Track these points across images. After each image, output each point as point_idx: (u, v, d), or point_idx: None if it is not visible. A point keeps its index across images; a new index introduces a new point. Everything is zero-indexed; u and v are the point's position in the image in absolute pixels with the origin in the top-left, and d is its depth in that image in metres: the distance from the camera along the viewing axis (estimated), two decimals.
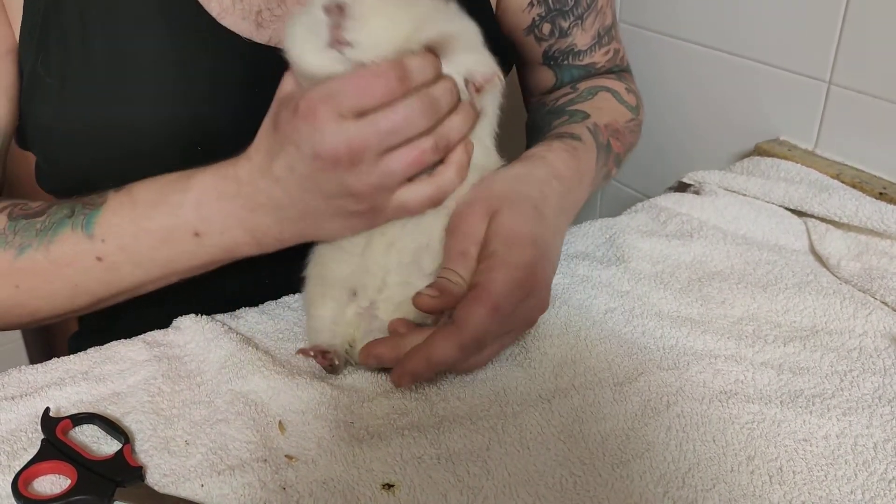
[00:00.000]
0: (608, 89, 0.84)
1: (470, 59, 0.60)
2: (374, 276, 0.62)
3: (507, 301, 0.55)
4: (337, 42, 0.56)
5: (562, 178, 0.66)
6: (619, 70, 0.91)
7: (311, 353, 0.63)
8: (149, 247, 0.62)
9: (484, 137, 0.64)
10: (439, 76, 0.58)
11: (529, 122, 0.89)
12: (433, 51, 0.58)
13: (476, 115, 0.61)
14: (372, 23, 0.57)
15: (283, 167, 0.57)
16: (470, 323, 0.55)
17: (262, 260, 0.65)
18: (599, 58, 0.88)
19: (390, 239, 0.62)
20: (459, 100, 0.59)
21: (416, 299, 0.57)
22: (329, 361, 0.62)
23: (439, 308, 0.57)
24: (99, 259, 0.62)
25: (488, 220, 0.59)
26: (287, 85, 0.61)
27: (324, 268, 0.64)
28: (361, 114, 0.55)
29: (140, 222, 0.62)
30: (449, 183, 0.59)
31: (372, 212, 0.59)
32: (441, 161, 0.59)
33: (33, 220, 0.65)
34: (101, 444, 0.56)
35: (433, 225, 0.62)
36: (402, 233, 0.62)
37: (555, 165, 0.66)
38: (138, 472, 0.53)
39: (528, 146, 0.79)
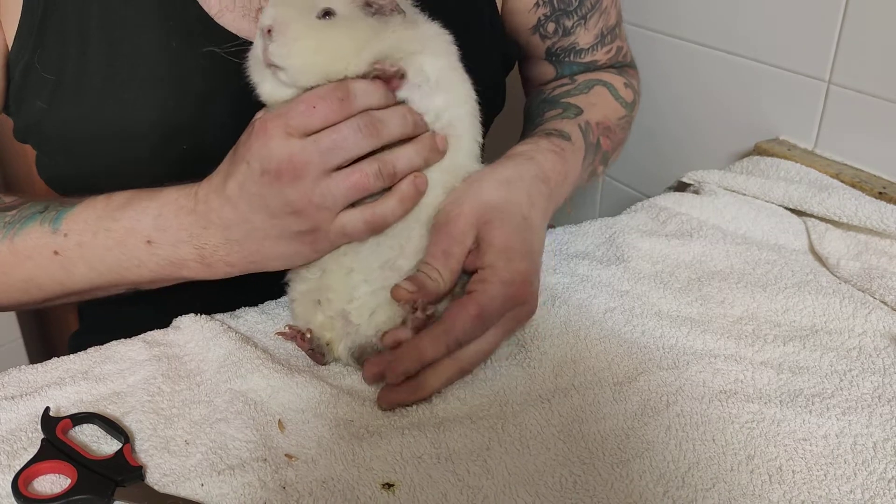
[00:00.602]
0: (605, 83, 0.85)
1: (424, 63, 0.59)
2: (337, 294, 0.63)
3: (494, 311, 0.58)
4: (269, 65, 0.58)
5: (548, 181, 0.67)
6: (622, 65, 0.91)
7: (290, 335, 0.64)
8: (104, 247, 0.62)
9: (462, 160, 0.64)
10: (392, 102, 0.59)
11: (525, 108, 0.89)
12: (384, 75, 0.58)
13: (436, 150, 0.61)
14: (298, 46, 0.57)
15: (235, 186, 0.58)
16: (458, 328, 0.57)
17: None
18: (601, 56, 0.88)
19: (348, 266, 0.62)
20: (418, 133, 0.60)
21: (394, 290, 0.58)
22: (309, 345, 0.63)
23: (415, 299, 0.58)
24: (56, 253, 0.63)
25: (477, 229, 0.60)
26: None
27: (292, 276, 0.66)
28: (308, 133, 0.56)
29: (104, 221, 0.63)
30: (389, 212, 0.59)
31: (314, 234, 0.59)
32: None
33: (3, 213, 0.66)
34: (100, 444, 0.56)
35: (398, 236, 0.61)
36: (357, 258, 0.62)
37: (543, 167, 0.67)
38: (138, 472, 0.53)
39: (524, 131, 0.79)
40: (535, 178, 0.65)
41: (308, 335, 0.63)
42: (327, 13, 0.58)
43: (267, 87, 0.61)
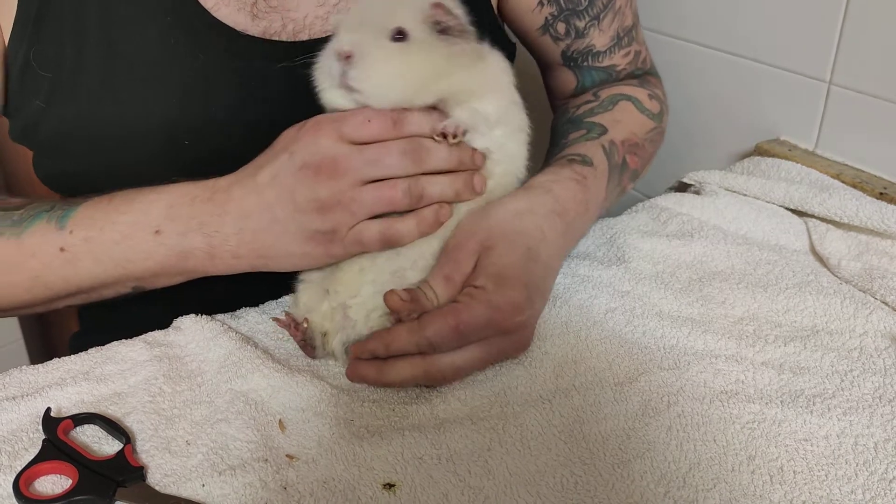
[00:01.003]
0: (629, 98, 0.84)
1: (466, 112, 0.62)
2: (345, 287, 0.63)
3: (472, 329, 0.57)
4: (345, 87, 0.60)
5: (565, 213, 0.66)
6: (643, 73, 0.90)
7: (285, 323, 0.65)
8: (111, 241, 0.63)
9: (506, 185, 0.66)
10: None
11: (552, 126, 0.89)
12: (441, 107, 0.61)
13: (470, 188, 0.62)
14: (378, 74, 0.59)
15: (268, 174, 0.60)
16: (431, 329, 0.57)
17: None
18: (620, 59, 0.87)
19: (361, 264, 0.63)
20: (462, 169, 0.62)
21: (388, 295, 0.59)
22: (302, 335, 0.64)
23: (405, 310, 0.58)
24: (62, 250, 0.63)
25: (479, 254, 0.60)
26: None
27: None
28: (356, 143, 0.58)
29: (111, 215, 0.63)
30: (406, 231, 0.60)
31: (331, 235, 0.60)
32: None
33: (11, 211, 0.66)
34: (102, 445, 0.56)
35: (416, 251, 0.62)
36: (371, 260, 0.63)
37: (560, 200, 0.67)
38: (139, 472, 0.53)
39: (548, 152, 0.79)
40: (551, 213, 0.65)
41: (304, 325, 0.64)
42: (400, 33, 0.59)
43: (329, 95, 0.62)
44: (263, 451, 0.55)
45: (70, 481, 0.52)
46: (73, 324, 0.91)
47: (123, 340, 0.67)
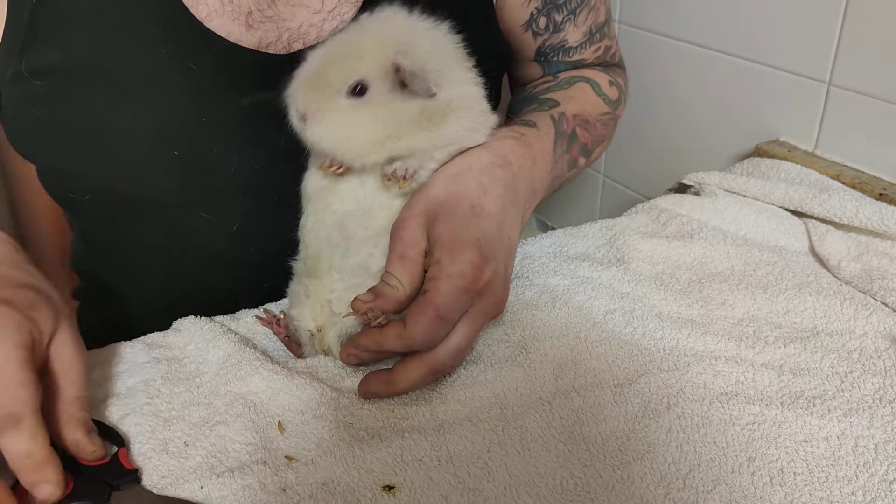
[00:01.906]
0: (587, 80, 0.84)
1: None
2: (322, 285, 0.65)
3: (451, 308, 0.57)
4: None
5: (507, 164, 0.65)
6: (609, 65, 0.91)
7: (266, 321, 0.66)
8: None
9: None
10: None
11: (508, 108, 0.89)
12: (394, 177, 0.61)
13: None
14: (330, 136, 0.59)
15: None
16: (416, 330, 0.56)
17: (262, 262, 0.65)
18: (589, 55, 0.87)
19: (330, 263, 0.64)
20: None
21: (354, 303, 0.59)
22: (285, 331, 0.65)
23: (371, 311, 0.58)
24: None
25: (427, 228, 0.60)
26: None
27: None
28: None
29: None
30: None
31: None
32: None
33: None
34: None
35: (371, 244, 0.63)
36: (334, 259, 0.64)
37: (497, 152, 0.66)
38: (134, 475, 0.53)
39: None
40: (491, 165, 0.64)
41: (282, 318, 0.65)
42: (359, 87, 0.59)
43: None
44: (262, 453, 0.55)
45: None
46: None
47: (122, 342, 0.67)
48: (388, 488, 0.52)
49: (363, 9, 0.72)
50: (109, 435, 0.56)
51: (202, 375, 0.62)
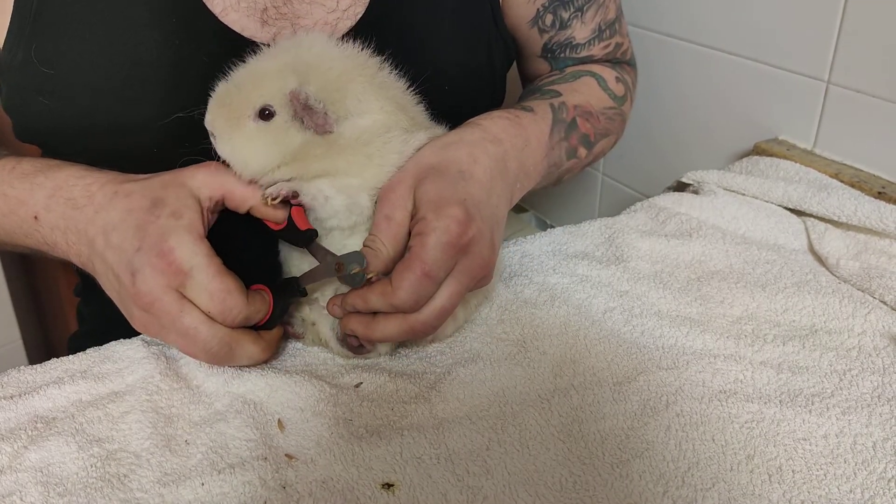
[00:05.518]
0: (593, 75, 0.84)
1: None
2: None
3: (437, 264, 0.58)
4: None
5: (498, 141, 0.67)
6: (619, 62, 0.91)
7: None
8: (0, 212, 0.65)
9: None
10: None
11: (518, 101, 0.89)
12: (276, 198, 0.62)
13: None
14: (234, 153, 0.61)
15: (118, 236, 0.59)
16: (402, 287, 0.57)
17: (260, 261, 0.65)
18: (598, 51, 0.87)
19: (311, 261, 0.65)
20: None
21: (328, 306, 0.62)
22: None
23: (343, 308, 0.61)
24: None
25: (414, 190, 0.61)
26: None
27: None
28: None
29: (2, 186, 0.65)
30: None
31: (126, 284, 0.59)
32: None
33: None
34: None
35: (341, 244, 0.63)
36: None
37: (489, 130, 0.67)
38: (313, 234, 0.61)
39: None
40: (481, 140, 0.66)
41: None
42: (266, 111, 0.60)
43: None
44: (262, 450, 0.55)
45: None
46: (73, 324, 0.91)
47: (121, 340, 0.67)
48: (388, 486, 0.52)
49: (371, 9, 0.72)
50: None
51: (202, 373, 0.63)
